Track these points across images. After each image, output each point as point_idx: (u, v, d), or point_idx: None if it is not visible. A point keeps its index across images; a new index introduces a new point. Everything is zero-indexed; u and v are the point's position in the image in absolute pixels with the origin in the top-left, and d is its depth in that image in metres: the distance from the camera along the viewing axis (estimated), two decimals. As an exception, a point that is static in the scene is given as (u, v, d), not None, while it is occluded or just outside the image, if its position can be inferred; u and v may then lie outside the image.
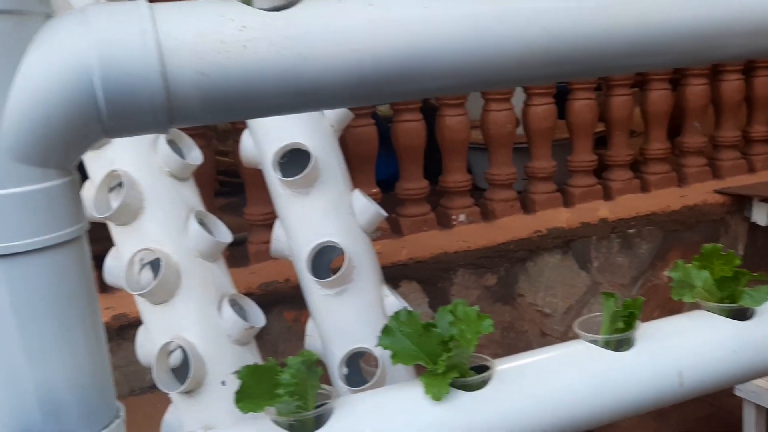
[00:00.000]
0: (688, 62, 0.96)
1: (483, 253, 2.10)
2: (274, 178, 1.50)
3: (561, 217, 2.30)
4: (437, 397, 0.87)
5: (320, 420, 0.84)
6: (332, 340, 1.48)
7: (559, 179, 2.44)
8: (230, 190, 2.70)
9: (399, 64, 0.76)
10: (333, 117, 1.57)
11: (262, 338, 1.80)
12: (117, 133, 0.69)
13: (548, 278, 2.21)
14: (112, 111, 0.65)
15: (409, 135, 2.11)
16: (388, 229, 2.11)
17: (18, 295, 0.63)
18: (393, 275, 1.98)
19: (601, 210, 2.38)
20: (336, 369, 1.47)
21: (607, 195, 2.46)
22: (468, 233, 2.16)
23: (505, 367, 0.96)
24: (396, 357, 0.89)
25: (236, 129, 1.65)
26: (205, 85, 0.68)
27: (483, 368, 0.95)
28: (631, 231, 2.35)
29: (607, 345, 0.99)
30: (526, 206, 2.34)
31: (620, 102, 2.46)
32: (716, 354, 1.03)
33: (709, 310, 1.07)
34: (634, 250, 2.35)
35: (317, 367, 0.83)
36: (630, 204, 2.43)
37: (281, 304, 1.82)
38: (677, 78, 2.59)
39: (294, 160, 1.54)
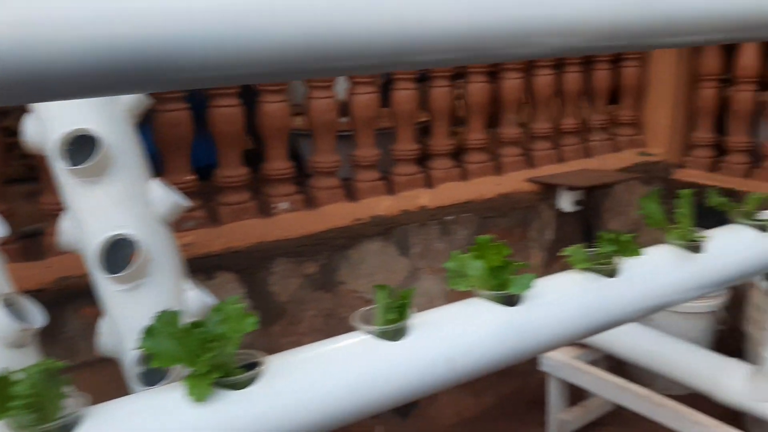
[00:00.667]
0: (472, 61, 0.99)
1: (303, 242, 2.09)
2: (59, 167, 1.39)
3: (383, 205, 2.34)
4: (200, 399, 0.84)
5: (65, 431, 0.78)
6: (127, 337, 1.40)
7: (385, 167, 2.49)
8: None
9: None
10: (128, 102, 1.48)
11: (57, 337, 1.68)
12: None
13: (369, 265, 2.24)
14: None
15: (227, 120, 2.04)
16: (206, 218, 2.05)
17: None
18: (207, 266, 1.92)
19: (422, 198, 2.45)
20: (130, 368, 1.40)
21: (429, 183, 2.54)
22: (289, 221, 2.14)
23: (278, 362, 0.96)
24: (156, 360, 0.85)
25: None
26: None
27: (255, 365, 0.93)
28: (449, 218, 2.45)
29: (383, 335, 1.01)
30: (351, 194, 2.36)
31: (440, 93, 2.54)
32: (485, 338, 1.08)
33: (482, 298, 1.13)
34: (451, 236, 2.44)
35: (61, 375, 0.77)
36: (449, 192, 2.52)
37: (79, 299, 1.71)
38: (496, 71, 2.72)
39: (85, 147, 1.43)
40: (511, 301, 1.12)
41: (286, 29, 0.69)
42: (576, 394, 2.40)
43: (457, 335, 1.06)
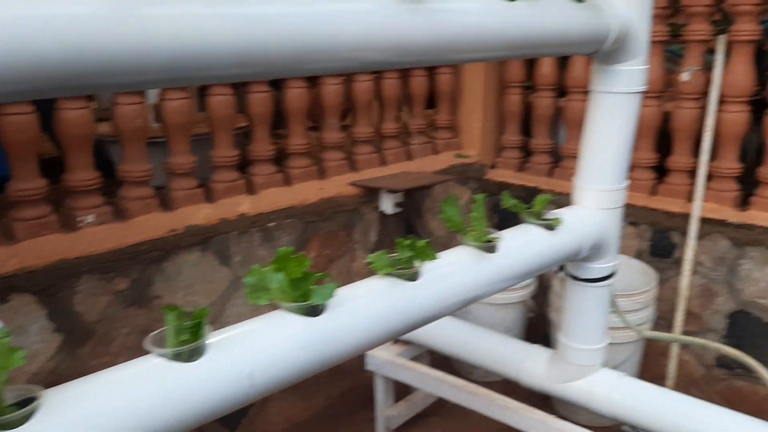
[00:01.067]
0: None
1: (111, 257, 1.97)
2: None
3: (200, 214, 2.27)
4: (-38, 445, 0.76)
5: None
6: None
7: (203, 175, 2.41)
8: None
9: None
10: None
11: None
12: None
13: (187, 277, 2.16)
14: None
15: (19, 129, 1.87)
16: (-2, 236, 1.86)
17: None
18: (0, 288, 1.75)
19: (243, 205, 2.40)
20: None
21: (251, 189, 2.50)
22: (96, 236, 2.00)
23: (59, 395, 0.89)
24: None
25: None
26: None
27: (30, 401, 0.86)
28: (271, 224, 2.42)
29: (178, 357, 0.97)
30: (166, 203, 2.26)
31: (259, 98, 2.51)
32: (288, 351, 1.08)
33: (285, 310, 1.12)
34: (274, 242, 2.42)
35: None
36: (271, 198, 2.50)
37: None
38: (315, 77, 2.74)
39: None
40: (314, 311, 1.13)
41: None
42: (403, 390, 2.49)
43: (258, 350, 1.05)
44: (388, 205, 2.78)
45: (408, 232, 2.93)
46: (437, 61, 1.45)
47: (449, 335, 2.22)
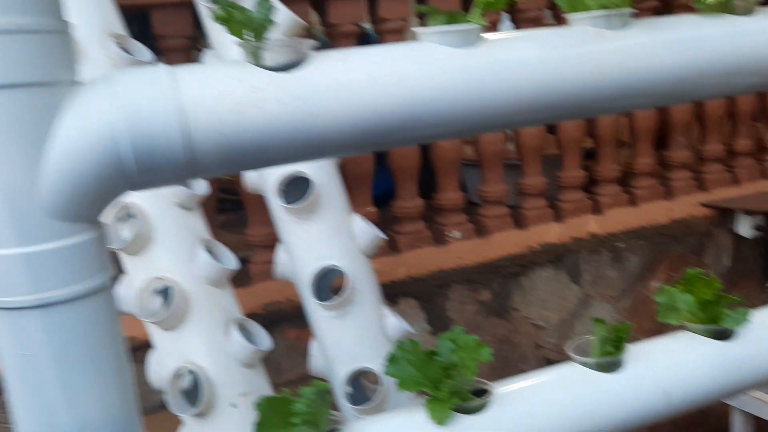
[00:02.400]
0: (668, 103, 1.03)
1: (477, 269, 2.16)
2: (276, 205, 1.56)
3: (552, 232, 2.37)
4: (441, 422, 0.92)
5: (330, 445, 0.89)
6: (335, 360, 1.53)
7: (549, 194, 2.51)
8: (229, 206, 2.75)
9: (398, 116, 0.82)
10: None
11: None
12: (141, 187, 0.74)
13: (541, 292, 2.27)
14: (138, 169, 0.70)
15: (405, 156, 2.17)
16: (386, 247, 2.17)
17: (55, 343, 0.69)
18: (391, 293, 2.03)
19: (591, 224, 2.44)
20: (339, 388, 1.52)
21: (596, 209, 2.53)
22: (463, 249, 2.22)
23: (504, 390, 1.03)
24: (401, 384, 0.95)
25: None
26: (222, 143, 0.74)
27: (483, 392, 1.01)
28: (620, 245, 2.42)
29: (599, 367, 1.05)
30: (519, 222, 2.41)
31: (606, 120, 2.53)
32: (701, 373, 1.09)
33: (693, 332, 1.13)
34: (623, 263, 2.41)
35: (328, 395, 0.89)
36: (618, 218, 2.50)
37: (283, 322, 1.88)
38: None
39: (295, 185, 1.60)
40: (722, 335, 1.12)
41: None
42: (763, 429, 2.28)
43: (671, 368, 1.08)
44: (745, 228, 2.58)
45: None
46: None
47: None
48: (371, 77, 0.80)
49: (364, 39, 2.25)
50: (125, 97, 0.69)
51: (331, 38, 2.06)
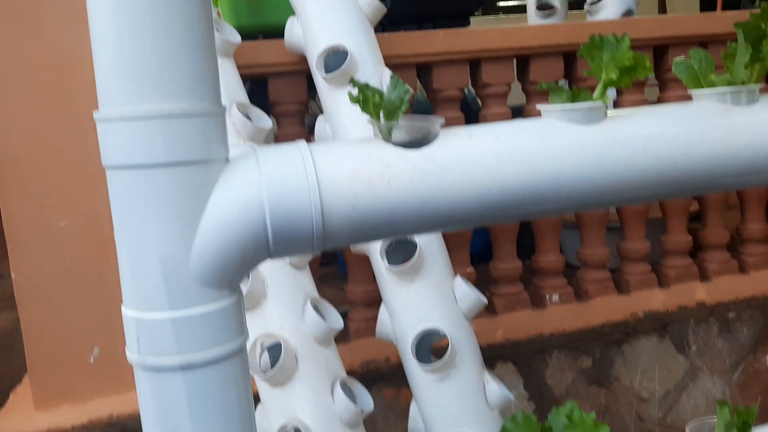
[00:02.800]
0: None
1: (578, 336, 2.11)
2: (380, 265, 1.59)
3: (656, 299, 2.28)
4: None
5: None
6: (435, 423, 1.52)
7: (652, 258, 2.43)
8: (326, 260, 2.82)
9: (522, 192, 0.84)
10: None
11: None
12: (278, 256, 0.79)
13: (645, 362, 2.18)
14: (278, 239, 0.75)
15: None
16: (483, 308, 2.16)
17: (194, 402, 0.73)
18: (488, 355, 2.01)
19: (698, 292, 2.34)
20: (438, 452, 1.51)
21: (704, 276, 2.43)
22: (562, 314, 2.18)
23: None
24: (515, 458, 0.94)
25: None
26: (355, 216, 0.77)
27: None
28: (730, 315, 2.30)
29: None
30: (620, 286, 2.34)
31: (716, 183, 2.44)
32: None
33: (825, 419, 1.07)
34: (734, 334, 2.29)
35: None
36: (728, 286, 2.38)
37: (381, 381, 1.89)
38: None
39: (399, 245, 1.63)
40: None
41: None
42: None
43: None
44: None
45: None
46: None
47: None
48: (497, 154, 0.82)
49: (465, 102, 2.29)
50: (269, 173, 0.74)
51: (434, 103, 2.11)
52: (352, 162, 0.78)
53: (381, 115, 0.82)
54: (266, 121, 1.55)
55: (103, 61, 0.69)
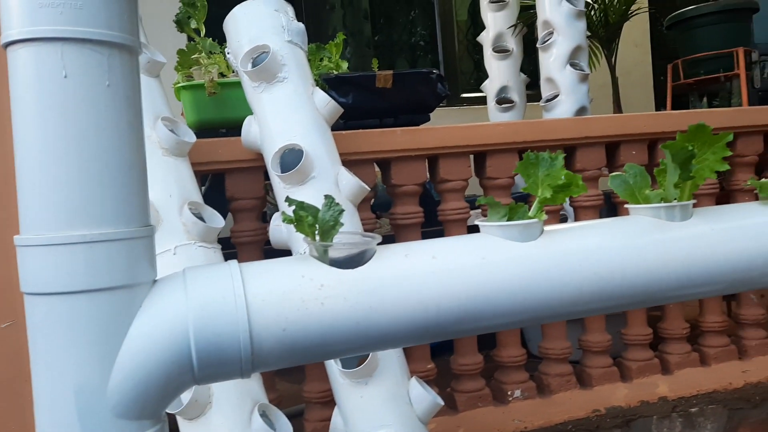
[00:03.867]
0: (733, 291, 1.01)
1: (540, 434, 2.07)
2: (334, 368, 1.56)
3: (619, 394, 2.26)
4: None
5: None
6: None
7: (614, 351, 2.42)
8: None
9: (459, 309, 0.83)
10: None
11: None
12: (206, 382, 0.76)
13: (612, 461, 2.14)
14: (203, 365, 0.72)
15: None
16: (444, 405, 2.11)
17: None
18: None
19: (660, 386, 2.33)
20: None
21: (665, 369, 2.41)
22: (524, 410, 2.13)
23: None
24: None
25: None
26: (286, 340, 0.75)
27: None
28: (693, 410, 2.28)
29: None
30: (582, 380, 2.31)
31: (673, 275, 2.47)
32: None
33: None
34: (697, 429, 2.26)
35: None
36: (690, 379, 2.37)
37: (336, 488, 1.81)
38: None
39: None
40: None
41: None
42: None
43: None
44: (831, 394, 2.40)
45: None
46: None
47: None
48: (433, 273, 0.82)
49: (428, 194, 2.32)
50: (196, 296, 0.73)
51: (393, 197, 2.12)
52: (285, 283, 0.77)
53: (316, 234, 0.81)
54: (218, 221, 1.54)
55: (26, 184, 0.68)
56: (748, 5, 4.49)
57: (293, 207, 0.81)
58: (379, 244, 0.83)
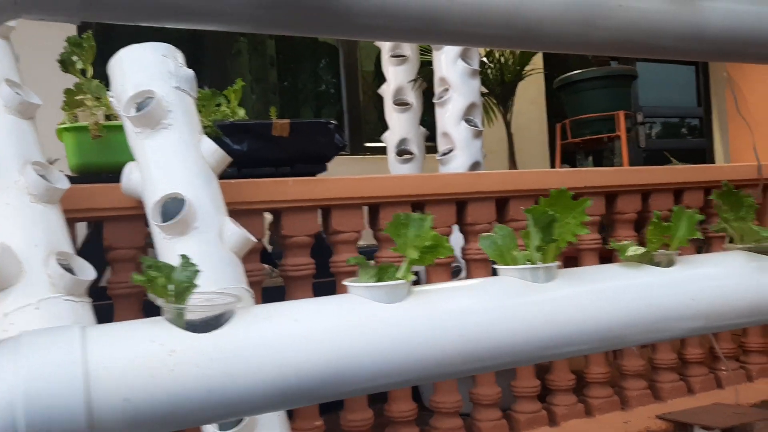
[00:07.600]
0: (596, 351, 1.04)
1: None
2: (210, 431, 1.48)
3: (507, 447, 2.28)
4: None
5: None
6: None
7: (504, 404, 2.45)
8: None
9: (321, 374, 0.81)
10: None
11: None
12: (36, 458, 0.69)
13: None
14: (33, 441, 0.66)
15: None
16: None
17: None
18: None
19: (547, 438, 2.37)
20: None
21: (552, 420, 2.46)
22: (413, 467, 2.11)
23: None
24: None
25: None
26: (130, 410, 0.70)
27: None
28: (578, 461, 2.33)
29: None
30: (473, 434, 2.32)
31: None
32: None
33: None
34: (582, 482, 2.31)
35: None
36: (575, 430, 2.43)
37: None
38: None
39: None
40: None
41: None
42: None
43: None
44: (703, 442, 2.52)
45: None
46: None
47: None
48: (294, 336, 0.80)
49: (323, 243, 2.30)
50: (29, 364, 0.67)
51: (283, 248, 2.09)
52: (132, 349, 0.72)
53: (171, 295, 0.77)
54: (89, 272, 1.46)
55: None
56: (628, 72, 4.85)
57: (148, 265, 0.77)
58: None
